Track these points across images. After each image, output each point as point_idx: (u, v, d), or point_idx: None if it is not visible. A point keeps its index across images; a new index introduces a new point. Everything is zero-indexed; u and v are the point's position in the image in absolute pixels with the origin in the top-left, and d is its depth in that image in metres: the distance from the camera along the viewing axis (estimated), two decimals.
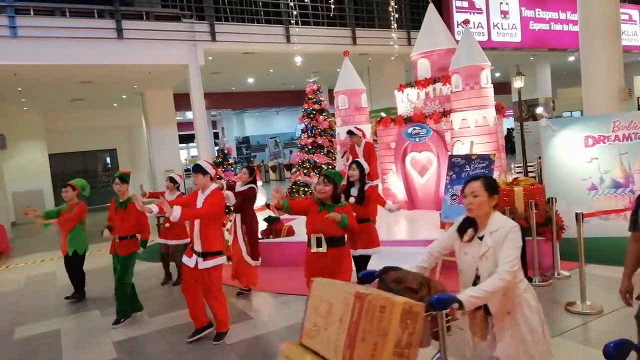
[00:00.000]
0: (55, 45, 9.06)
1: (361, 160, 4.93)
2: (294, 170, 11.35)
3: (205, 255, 4.31)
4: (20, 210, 15.24)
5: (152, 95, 14.22)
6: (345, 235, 3.95)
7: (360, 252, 4.73)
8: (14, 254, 10.30)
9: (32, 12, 9.02)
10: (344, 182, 4.72)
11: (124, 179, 5.28)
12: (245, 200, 5.67)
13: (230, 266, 5.87)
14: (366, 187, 4.85)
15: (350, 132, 7.59)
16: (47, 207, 15.71)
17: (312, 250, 3.88)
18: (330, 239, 3.82)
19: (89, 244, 6.34)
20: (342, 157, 8.81)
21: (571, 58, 17.13)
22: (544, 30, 15.08)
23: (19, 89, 11.82)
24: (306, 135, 11.03)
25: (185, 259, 4.46)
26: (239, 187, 5.83)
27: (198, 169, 4.35)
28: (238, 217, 5.72)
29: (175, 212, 4.00)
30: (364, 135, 7.80)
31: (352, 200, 4.75)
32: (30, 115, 15.71)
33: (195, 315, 4.53)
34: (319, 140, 10.91)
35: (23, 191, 15.18)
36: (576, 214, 4.60)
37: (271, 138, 26.25)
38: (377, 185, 7.40)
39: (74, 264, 6.23)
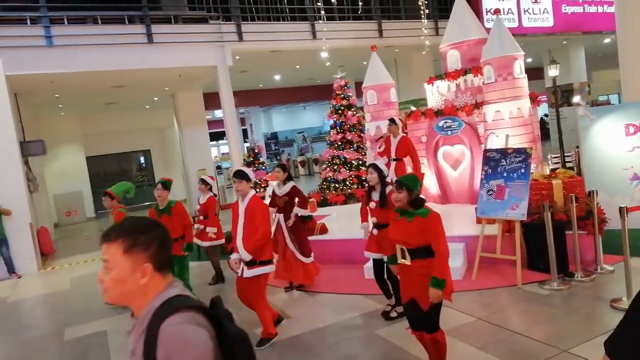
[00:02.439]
0: (89, 53, 9.34)
1: (380, 164, 4.72)
2: (324, 167, 11.38)
3: (250, 263, 4.38)
4: (61, 212, 15.85)
5: (182, 96, 14.49)
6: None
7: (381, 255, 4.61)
8: (58, 255, 10.72)
9: (65, 21, 9.31)
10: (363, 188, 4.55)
11: (167, 185, 5.41)
12: (290, 200, 5.72)
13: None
14: (387, 190, 4.58)
15: (392, 120, 7.57)
16: (87, 208, 16.27)
17: (398, 262, 3.48)
18: (415, 251, 3.33)
19: None
20: (376, 141, 8.76)
21: (607, 40, 16.49)
22: (578, 13, 14.56)
23: (56, 95, 12.24)
24: (335, 132, 11.04)
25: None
26: (276, 188, 5.87)
27: (242, 175, 4.38)
28: (281, 217, 5.76)
29: (244, 255, 4.29)
30: (403, 128, 7.80)
31: (373, 205, 4.60)
32: (67, 120, 16.26)
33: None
34: (348, 136, 10.90)
35: (64, 193, 15.77)
36: (620, 208, 4.46)
37: (299, 133, 26.34)
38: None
39: None
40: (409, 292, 3.44)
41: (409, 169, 7.36)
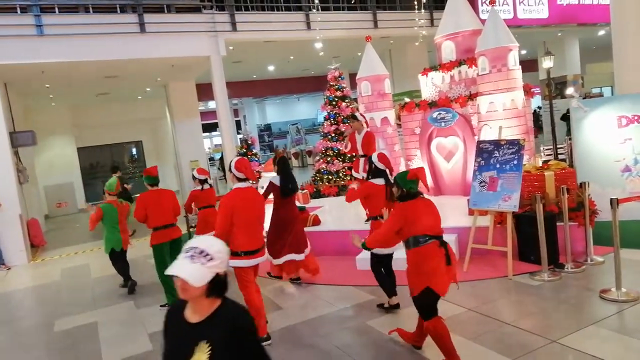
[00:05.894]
0: (80, 42, 9.21)
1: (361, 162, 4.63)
2: (317, 158, 11.34)
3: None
4: (52, 203, 15.74)
5: (175, 87, 14.37)
6: None
7: (378, 250, 4.47)
8: (48, 246, 10.64)
9: (56, 9, 9.17)
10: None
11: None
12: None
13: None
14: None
15: (353, 117, 7.20)
16: (78, 199, 16.14)
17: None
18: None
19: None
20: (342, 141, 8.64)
21: (601, 32, 16.50)
22: (573, 4, 14.54)
23: (47, 85, 12.09)
24: (329, 123, 10.98)
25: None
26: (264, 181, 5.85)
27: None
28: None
29: None
30: (366, 124, 7.28)
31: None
32: (58, 110, 16.08)
33: None
34: (342, 128, 10.84)
35: (54, 185, 15.64)
36: (611, 199, 4.46)
37: (292, 125, 26.26)
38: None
39: (119, 257, 6.51)
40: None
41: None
